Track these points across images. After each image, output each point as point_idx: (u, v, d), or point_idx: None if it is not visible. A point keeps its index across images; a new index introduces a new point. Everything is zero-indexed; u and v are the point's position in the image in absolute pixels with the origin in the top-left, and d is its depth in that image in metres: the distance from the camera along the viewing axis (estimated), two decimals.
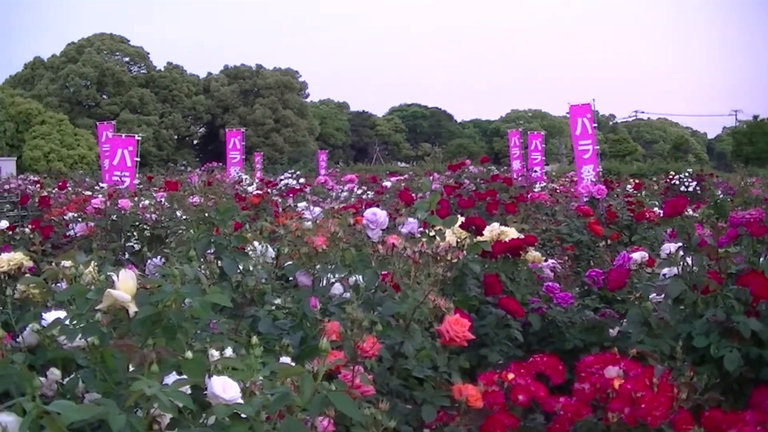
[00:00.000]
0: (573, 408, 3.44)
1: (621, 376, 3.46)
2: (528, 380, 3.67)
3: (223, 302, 2.97)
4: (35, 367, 3.21)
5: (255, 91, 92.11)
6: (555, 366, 3.87)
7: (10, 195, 22.54)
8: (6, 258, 5.55)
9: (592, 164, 16.11)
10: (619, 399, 3.30)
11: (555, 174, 33.62)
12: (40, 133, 70.30)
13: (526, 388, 3.60)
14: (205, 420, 2.65)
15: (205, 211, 5.09)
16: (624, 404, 3.26)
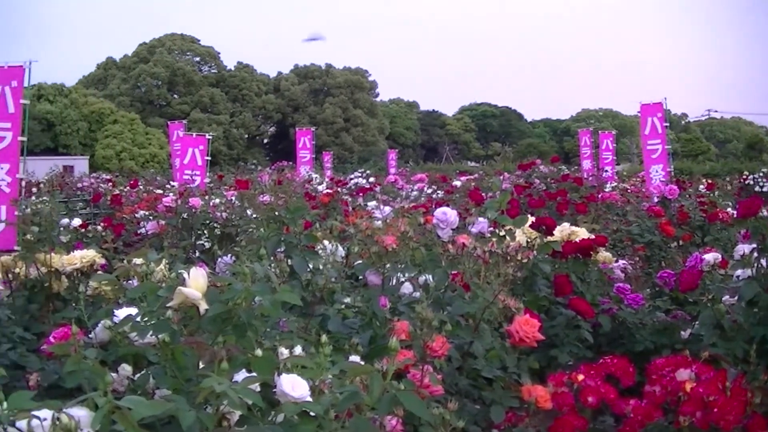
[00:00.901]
0: (644, 411, 3.40)
1: (693, 379, 3.41)
2: (598, 382, 3.63)
3: (293, 301, 2.98)
4: (107, 363, 3.25)
5: (325, 91, 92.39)
6: (625, 368, 3.83)
7: (82, 193, 22.85)
8: (79, 255, 5.63)
9: (661, 164, 15.90)
10: (691, 402, 3.26)
11: (626, 174, 33.34)
12: (112, 132, 71.19)
13: (596, 390, 3.57)
14: (273, 418, 2.66)
15: (275, 210, 5.11)
16: (696, 408, 3.21)
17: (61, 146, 70.78)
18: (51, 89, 74.61)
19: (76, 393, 2.78)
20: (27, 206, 6.84)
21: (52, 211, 6.28)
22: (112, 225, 8.72)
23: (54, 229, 6.00)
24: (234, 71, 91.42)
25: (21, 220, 6.21)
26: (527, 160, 14.04)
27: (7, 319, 5.27)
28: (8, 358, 4.68)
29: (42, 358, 4.40)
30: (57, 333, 3.65)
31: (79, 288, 5.46)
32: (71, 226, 7.78)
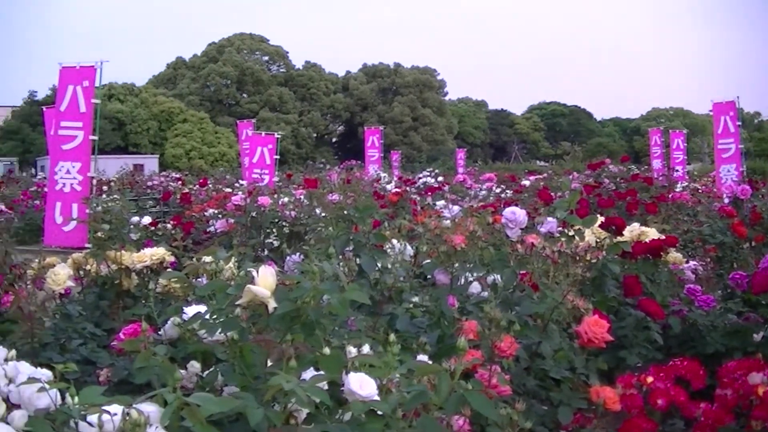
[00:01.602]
0: (714, 415, 3.36)
1: (765, 383, 3.37)
2: (667, 384, 3.59)
3: (361, 299, 2.98)
4: (176, 360, 3.28)
5: (393, 90, 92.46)
6: (696, 370, 3.78)
7: (152, 191, 23.14)
8: (149, 253, 5.68)
9: (734, 163, 15.70)
10: (764, 407, 3.21)
11: (697, 173, 32.97)
12: (182, 131, 71.89)
13: (666, 392, 3.53)
14: (341, 416, 2.66)
15: (344, 209, 5.12)
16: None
17: (131, 145, 71.60)
18: (122, 89, 75.53)
19: (146, 389, 2.81)
20: (98, 204, 6.91)
21: (122, 209, 6.34)
22: (181, 223, 8.80)
23: (124, 226, 6.07)
24: (302, 70, 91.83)
25: (92, 218, 6.29)
26: (596, 159, 13.95)
27: (78, 315, 5.33)
28: (79, 353, 4.74)
29: (112, 354, 4.46)
30: (127, 329, 3.69)
31: (149, 285, 5.50)
32: (141, 224, 7.87)
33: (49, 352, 4.74)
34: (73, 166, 10.28)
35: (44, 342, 4.82)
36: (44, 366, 2.60)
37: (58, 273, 5.55)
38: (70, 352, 4.77)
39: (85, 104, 10.30)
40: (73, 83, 10.43)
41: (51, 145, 12.13)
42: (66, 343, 4.92)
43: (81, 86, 10.36)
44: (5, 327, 5.51)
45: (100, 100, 10.50)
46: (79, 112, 10.34)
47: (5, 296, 5.57)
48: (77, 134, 10.36)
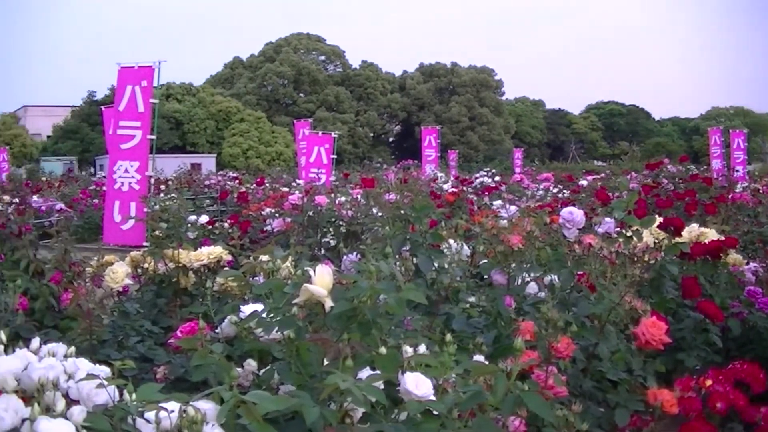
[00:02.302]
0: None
1: None
2: (727, 387, 3.56)
3: (417, 299, 2.97)
4: (232, 358, 3.29)
5: (450, 89, 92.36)
6: (756, 374, 3.74)
7: (210, 191, 23.28)
8: (206, 251, 5.71)
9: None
10: None
11: (758, 174, 32.61)
12: (239, 130, 72.26)
13: (725, 396, 3.49)
14: (396, 416, 2.66)
15: (401, 209, 5.12)
16: None
17: (188, 144, 72.07)
18: (179, 88, 76.07)
19: (202, 386, 2.82)
20: (156, 203, 6.97)
21: (180, 208, 6.39)
22: (238, 222, 8.84)
23: (182, 225, 6.11)
24: (359, 70, 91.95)
25: (150, 216, 6.33)
26: (655, 159, 13.84)
27: (135, 313, 5.37)
28: (137, 350, 4.77)
29: (169, 352, 4.48)
30: (184, 327, 3.71)
31: (206, 284, 5.52)
32: (199, 223, 7.92)
33: (107, 349, 4.78)
34: (132, 165, 10.39)
35: (102, 339, 4.86)
36: (102, 363, 2.62)
37: (116, 271, 5.59)
38: (128, 349, 4.81)
39: (143, 104, 10.41)
40: (132, 83, 10.54)
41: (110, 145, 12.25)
42: (124, 341, 4.96)
43: (139, 86, 10.46)
44: (65, 324, 5.57)
45: (158, 100, 10.60)
46: (138, 112, 10.45)
47: (65, 294, 5.63)
48: (135, 134, 10.47)
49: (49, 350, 2.65)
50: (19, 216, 7.96)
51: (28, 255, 6.39)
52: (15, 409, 2.21)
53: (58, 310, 5.91)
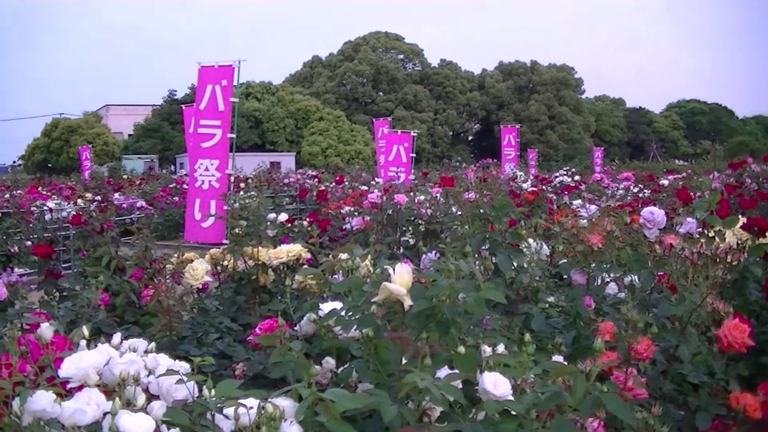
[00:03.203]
0: None
1: None
2: None
3: (496, 298, 2.95)
4: (311, 356, 3.30)
5: (530, 88, 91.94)
6: None
7: (289, 189, 23.42)
8: (285, 249, 5.73)
9: None
10: None
11: None
12: (318, 129, 72.60)
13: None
14: (474, 415, 2.65)
15: (480, 207, 5.10)
16: None
17: (268, 143, 72.60)
18: (259, 87, 76.70)
19: (280, 384, 2.83)
20: (236, 201, 7.01)
21: (259, 206, 6.42)
22: (317, 220, 8.86)
23: (261, 223, 6.14)
24: (438, 68, 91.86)
25: (230, 214, 6.37)
26: (738, 158, 13.61)
27: (215, 309, 5.42)
28: (216, 347, 4.81)
29: (248, 349, 4.52)
30: (263, 325, 3.72)
31: (285, 281, 5.57)
32: (278, 221, 7.95)
33: (186, 345, 4.83)
34: (212, 163, 10.48)
35: (182, 335, 4.91)
36: (182, 359, 2.65)
37: (196, 268, 5.64)
38: (207, 345, 4.85)
39: (223, 103, 10.50)
40: (212, 82, 10.63)
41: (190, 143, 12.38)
42: (203, 337, 5.00)
43: (219, 85, 10.55)
44: (145, 320, 5.64)
45: (237, 99, 10.68)
46: (218, 111, 10.54)
47: (145, 290, 5.70)
48: (216, 132, 10.56)
49: (130, 346, 2.68)
50: (101, 213, 8.06)
51: (110, 252, 6.47)
52: (97, 403, 2.24)
53: (139, 307, 5.98)
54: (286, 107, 75.57)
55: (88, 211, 9.55)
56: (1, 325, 4.88)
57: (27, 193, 21.04)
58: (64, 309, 5.36)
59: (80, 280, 6.69)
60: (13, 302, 5.82)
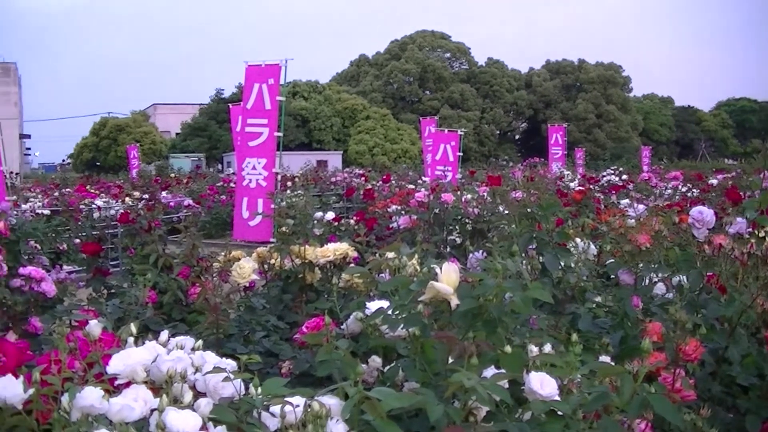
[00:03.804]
0: None
1: None
2: None
3: (543, 298, 2.94)
4: (357, 354, 3.30)
5: (577, 86, 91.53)
6: None
7: (336, 187, 23.47)
8: (332, 248, 5.75)
9: None
10: None
11: None
12: (365, 127, 72.69)
13: None
14: (520, 415, 2.64)
15: (527, 207, 5.08)
16: None
17: (315, 141, 72.79)
18: (306, 86, 76.92)
19: (326, 382, 2.84)
20: (282, 200, 7.03)
21: (306, 204, 6.43)
22: (364, 219, 8.87)
23: (308, 222, 6.15)
24: (485, 67, 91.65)
25: (277, 212, 6.39)
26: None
27: (262, 308, 5.44)
28: (262, 345, 4.84)
29: (294, 347, 4.53)
30: (310, 323, 3.73)
31: (332, 280, 5.58)
32: (325, 220, 7.96)
33: (233, 343, 4.85)
34: (259, 162, 10.52)
35: (229, 333, 4.93)
36: (229, 356, 2.67)
37: (243, 266, 5.67)
38: (254, 343, 4.88)
39: (270, 101, 10.53)
40: (259, 81, 10.67)
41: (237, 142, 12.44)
42: (250, 335, 5.02)
43: (266, 84, 10.59)
44: (192, 318, 5.67)
45: (284, 98, 10.71)
46: (265, 110, 10.58)
47: (192, 288, 5.73)
48: (263, 131, 10.60)
49: (177, 343, 2.70)
50: (148, 212, 8.11)
51: (158, 250, 6.52)
52: (144, 400, 2.26)
53: (186, 304, 6.02)
54: (333, 106, 75.73)
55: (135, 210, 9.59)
56: (50, 322, 4.92)
57: (76, 192, 21.24)
58: (112, 306, 5.40)
59: (128, 277, 6.74)
60: (62, 299, 5.89)
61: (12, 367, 2.64)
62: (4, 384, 2.38)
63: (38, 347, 4.38)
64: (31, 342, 4.19)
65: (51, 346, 3.33)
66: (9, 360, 2.68)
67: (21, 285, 5.68)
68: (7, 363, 2.67)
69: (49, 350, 3.05)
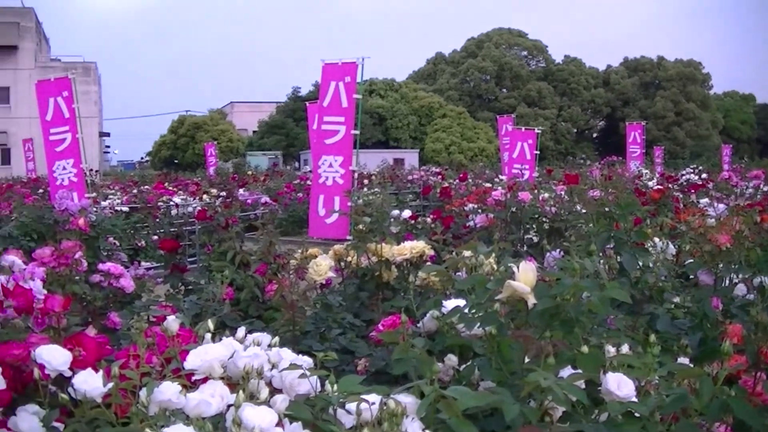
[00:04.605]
0: None
1: None
2: None
3: (621, 298, 2.92)
4: (433, 353, 3.30)
5: (656, 84, 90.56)
6: None
7: (412, 185, 23.47)
8: (409, 246, 5.74)
9: None
10: None
11: None
12: (441, 126, 72.62)
13: None
14: (597, 416, 2.62)
15: (605, 206, 5.05)
16: None
17: (391, 139, 72.86)
18: (382, 84, 77.03)
19: (402, 380, 2.84)
20: (359, 197, 7.05)
21: (383, 202, 6.44)
22: (441, 217, 8.87)
23: (385, 220, 6.15)
24: (562, 65, 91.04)
25: (354, 210, 6.41)
26: None
27: (338, 305, 5.45)
28: (338, 342, 4.84)
29: (370, 345, 4.53)
30: (386, 321, 3.74)
31: (408, 278, 5.57)
32: (401, 218, 7.97)
33: (309, 340, 4.87)
34: (336, 159, 10.53)
35: (305, 330, 4.95)
36: (305, 353, 2.68)
37: (319, 264, 5.69)
38: (330, 341, 4.89)
39: (347, 100, 10.53)
40: (336, 79, 10.68)
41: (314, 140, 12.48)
42: (326, 332, 5.04)
43: (343, 82, 10.59)
44: (269, 314, 5.70)
45: (361, 96, 10.71)
46: (341, 108, 10.58)
47: (269, 285, 5.77)
48: (339, 129, 10.60)
49: (254, 339, 2.72)
50: (226, 209, 8.19)
51: (235, 247, 6.57)
52: (221, 395, 2.28)
53: (263, 301, 6.06)
54: (410, 104, 75.74)
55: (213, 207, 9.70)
56: (128, 317, 4.98)
57: (154, 189, 21.48)
58: (189, 302, 5.46)
59: (205, 274, 6.81)
60: (140, 295, 5.97)
61: (92, 362, 2.68)
62: (85, 378, 2.42)
63: (117, 342, 4.43)
64: (110, 337, 4.24)
65: (129, 341, 3.37)
66: (89, 354, 2.73)
67: (100, 281, 5.77)
68: (87, 357, 2.71)
69: (127, 345, 3.10)
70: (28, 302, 3.24)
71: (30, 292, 3.30)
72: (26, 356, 2.67)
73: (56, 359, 2.59)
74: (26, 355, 2.67)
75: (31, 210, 10.52)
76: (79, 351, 2.72)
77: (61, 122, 12.46)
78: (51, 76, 12.93)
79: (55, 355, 2.60)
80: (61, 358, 2.61)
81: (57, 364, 2.58)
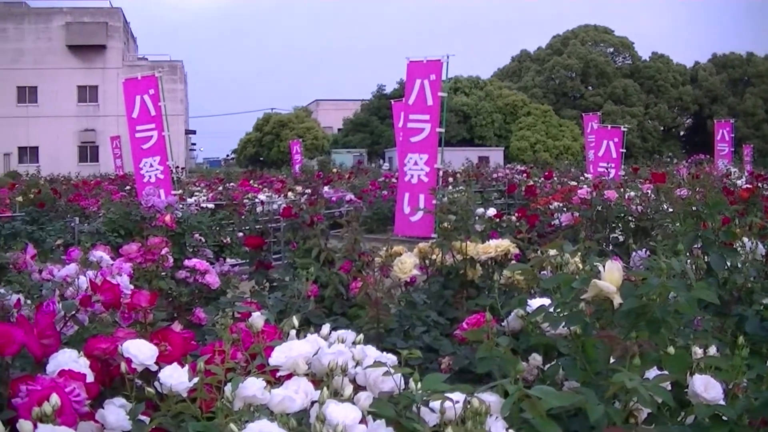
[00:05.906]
0: None
1: None
2: None
3: (709, 299, 2.88)
4: (517, 352, 3.29)
5: (745, 80, 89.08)
6: None
7: (497, 184, 23.40)
8: (494, 244, 5.73)
9: None
10: None
11: None
12: (526, 124, 72.30)
13: None
14: (683, 419, 2.59)
15: (692, 205, 4.99)
16: None
17: (476, 137, 72.70)
18: (467, 82, 76.91)
19: (486, 379, 2.84)
20: (444, 195, 7.05)
21: (468, 200, 6.43)
22: (526, 215, 8.83)
23: (470, 218, 6.15)
24: (649, 62, 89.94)
25: (438, 208, 6.41)
26: None
27: (422, 303, 5.45)
28: (422, 340, 4.85)
29: (454, 343, 4.53)
30: (470, 319, 3.73)
31: (493, 276, 5.55)
32: (486, 216, 7.95)
33: (393, 337, 4.88)
34: (421, 157, 10.54)
35: (389, 328, 4.96)
36: (389, 351, 2.69)
37: (404, 261, 5.70)
38: (414, 338, 4.89)
39: (432, 97, 10.54)
40: (421, 77, 10.69)
41: (399, 138, 12.51)
42: (410, 330, 5.05)
43: (428, 80, 10.60)
44: (353, 312, 5.72)
45: (446, 93, 10.71)
46: (426, 105, 10.59)
47: (354, 282, 5.79)
48: (424, 127, 10.61)
49: (338, 337, 2.74)
50: (311, 206, 8.22)
51: (320, 244, 6.60)
52: (305, 392, 2.30)
53: (347, 298, 6.08)
54: (494, 102, 75.47)
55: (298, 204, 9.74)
56: (213, 313, 5.03)
57: (239, 186, 21.64)
58: (274, 299, 5.48)
59: (290, 271, 6.84)
60: (226, 291, 6.03)
61: (178, 357, 2.72)
62: (171, 372, 2.45)
63: (202, 338, 4.47)
64: (196, 332, 4.29)
65: (215, 336, 3.41)
66: (175, 349, 2.77)
67: (186, 276, 5.84)
68: (173, 352, 2.75)
69: (212, 341, 3.13)
70: (115, 297, 3.29)
71: (117, 287, 3.36)
72: (113, 350, 2.71)
73: (143, 353, 2.64)
74: (113, 349, 2.72)
75: (118, 207, 10.70)
76: (165, 346, 2.76)
77: (147, 120, 12.65)
78: (138, 74, 13.13)
79: (141, 350, 2.65)
80: (148, 352, 2.65)
81: (143, 359, 2.63)
